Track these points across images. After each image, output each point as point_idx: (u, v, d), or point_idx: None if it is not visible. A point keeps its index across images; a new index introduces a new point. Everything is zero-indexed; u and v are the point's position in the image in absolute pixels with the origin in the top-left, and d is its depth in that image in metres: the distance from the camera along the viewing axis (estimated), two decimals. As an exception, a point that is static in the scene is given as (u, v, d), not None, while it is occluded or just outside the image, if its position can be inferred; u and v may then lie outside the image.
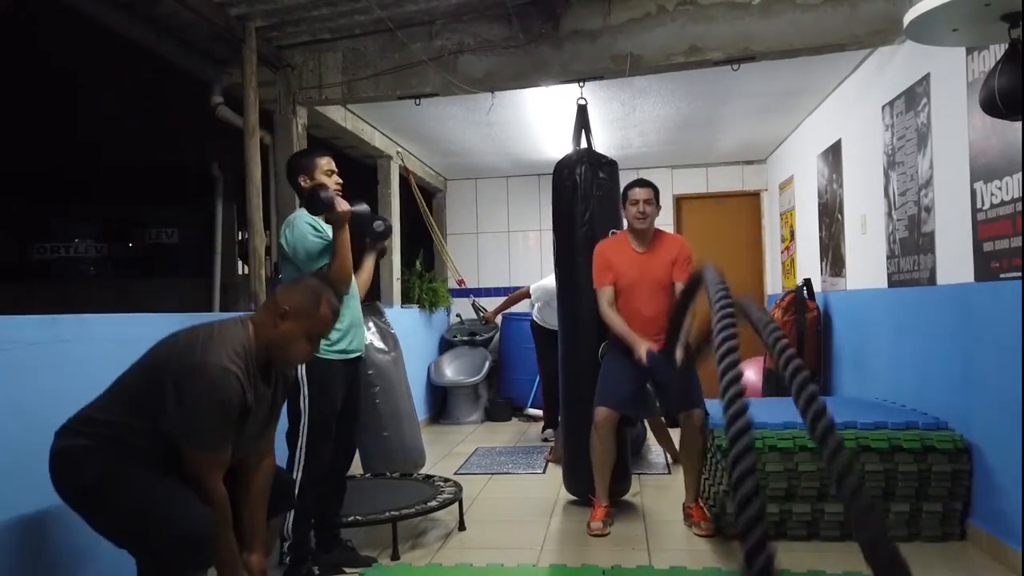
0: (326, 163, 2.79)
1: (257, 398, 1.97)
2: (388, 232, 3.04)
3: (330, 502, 2.89)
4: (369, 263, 3.01)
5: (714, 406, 3.49)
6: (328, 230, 2.69)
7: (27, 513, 2.15)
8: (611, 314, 3.42)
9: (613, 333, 3.45)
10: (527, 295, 5.53)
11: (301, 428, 2.66)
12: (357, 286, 2.89)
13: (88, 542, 2.28)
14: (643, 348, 3.25)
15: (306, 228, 2.67)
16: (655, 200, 3.48)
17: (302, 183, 2.76)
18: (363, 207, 2.80)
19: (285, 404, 2.50)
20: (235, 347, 1.90)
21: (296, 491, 2.63)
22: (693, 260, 3.43)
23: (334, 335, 2.70)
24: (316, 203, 2.63)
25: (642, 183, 3.50)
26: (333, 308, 2.11)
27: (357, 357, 2.87)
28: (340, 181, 2.82)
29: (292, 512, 2.64)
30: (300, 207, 2.81)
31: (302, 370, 2.65)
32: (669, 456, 4.70)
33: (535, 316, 5.37)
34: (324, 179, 2.76)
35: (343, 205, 2.64)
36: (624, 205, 3.53)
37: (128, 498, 1.85)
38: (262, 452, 2.14)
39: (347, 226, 2.64)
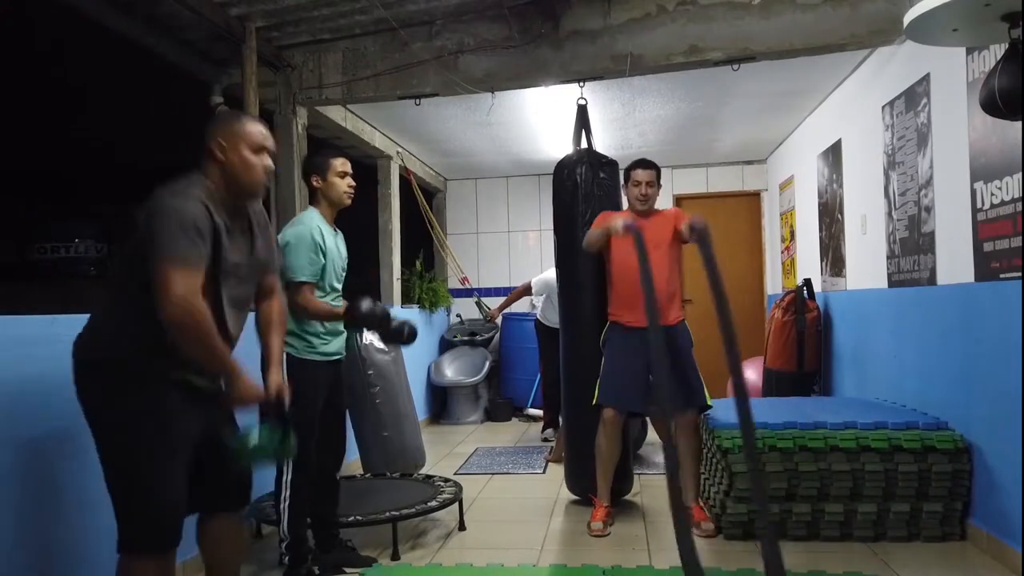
0: (340, 164, 2.81)
1: (231, 228, 1.96)
2: (413, 334, 2.89)
3: (325, 502, 2.89)
4: (333, 313, 2.82)
5: (717, 407, 3.49)
6: (327, 241, 2.71)
7: (28, 513, 2.15)
8: (593, 231, 3.40)
9: (612, 311, 3.44)
10: (528, 290, 5.53)
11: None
12: (311, 310, 2.78)
13: (88, 542, 2.28)
14: (619, 222, 3.21)
15: (307, 236, 2.67)
16: (657, 181, 3.48)
17: (314, 183, 2.79)
18: (400, 327, 2.83)
19: None
20: (193, 188, 1.92)
21: (288, 491, 2.64)
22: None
23: (316, 341, 2.71)
24: (386, 333, 2.78)
25: (645, 164, 3.49)
26: (251, 117, 2.13)
27: (339, 359, 2.88)
28: (353, 184, 2.84)
29: (286, 512, 2.65)
30: (309, 206, 2.83)
31: (283, 372, 2.65)
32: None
33: (538, 315, 5.37)
34: (337, 180, 2.78)
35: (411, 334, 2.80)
36: (626, 186, 3.52)
37: (134, 448, 1.86)
38: (267, 294, 2.19)
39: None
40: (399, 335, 2.84)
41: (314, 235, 2.68)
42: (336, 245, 2.82)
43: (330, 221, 2.81)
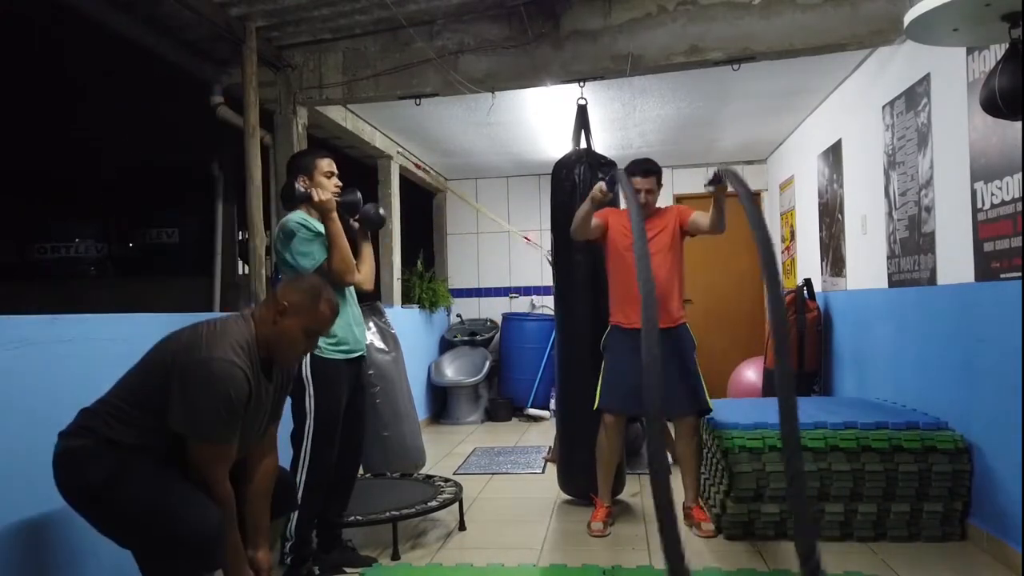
0: (326, 164, 2.77)
1: (259, 393, 1.98)
2: (381, 219, 2.94)
3: (335, 503, 2.88)
4: (367, 252, 2.93)
5: (717, 407, 3.49)
6: (317, 227, 2.67)
7: (28, 514, 2.15)
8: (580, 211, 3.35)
9: (612, 314, 3.43)
10: None
11: (306, 428, 2.65)
12: (361, 279, 2.85)
13: (89, 543, 2.28)
14: (600, 184, 3.23)
15: (296, 227, 2.65)
16: (657, 185, 3.42)
17: (301, 184, 2.75)
18: (353, 196, 2.78)
19: (288, 402, 2.51)
20: (239, 342, 1.91)
21: (301, 491, 2.63)
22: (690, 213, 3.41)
23: (337, 333, 2.69)
24: (289, 197, 2.65)
25: (645, 171, 3.39)
26: (332, 306, 2.11)
27: (360, 356, 2.86)
28: (340, 184, 2.80)
29: (296, 512, 2.63)
30: (296, 211, 2.80)
31: (306, 370, 2.65)
32: (670, 456, 4.69)
33: None
34: (323, 180, 2.73)
35: (322, 194, 2.63)
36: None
37: (137, 499, 1.84)
38: (264, 450, 2.14)
39: (336, 216, 2.64)
40: (376, 222, 2.92)
41: (302, 225, 2.63)
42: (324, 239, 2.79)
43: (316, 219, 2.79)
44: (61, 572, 2.26)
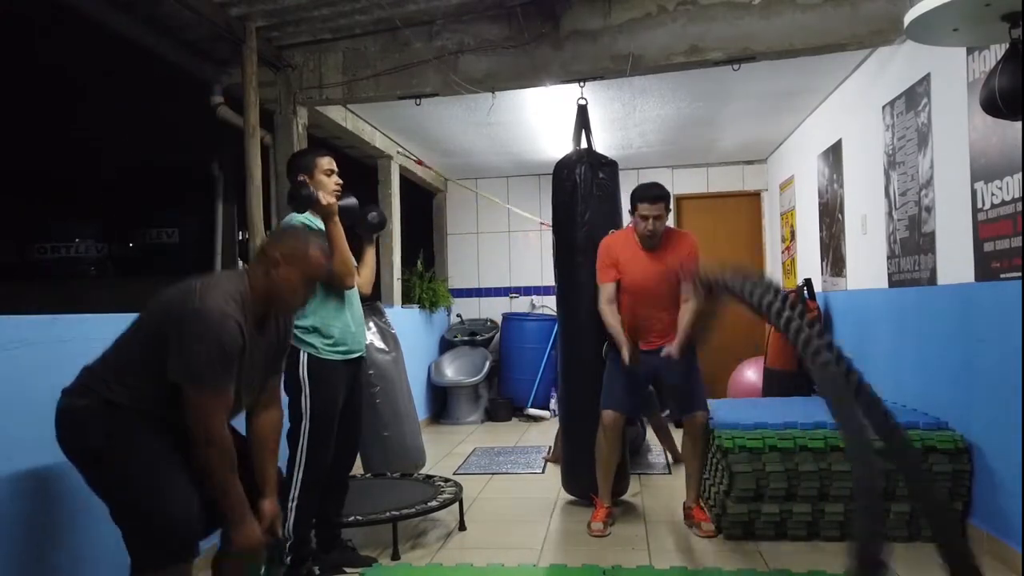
0: (327, 163, 2.79)
1: (253, 346, 1.99)
2: (382, 223, 2.99)
3: (332, 502, 2.88)
4: (370, 256, 2.98)
5: (715, 406, 3.50)
6: (323, 226, 2.69)
7: (32, 511, 2.15)
8: (608, 312, 3.38)
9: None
10: None
11: (302, 428, 2.66)
12: (360, 283, 2.88)
13: (91, 543, 2.28)
14: (626, 352, 3.26)
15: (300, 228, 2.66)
16: (665, 213, 3.34)
17: (310, 186, 2.75)
18: (351, 201, 2.80)
19: (285, 401, 2.51)
20: (231, 294, 1.93)
21: (297, 491, 2.63)
22: (698, 261, 3.39)
23: (335, 334, 2.70)
24: (298, 199, 2.65)
25: (653, 198, 3.30)
26: (322, 249, 2.16)
27: (359, 357, 2.86)
28: (340, 182, 2.81)
29: (294, 512, 2.64)
30: (292, 212, 2.81)
31: (303, 370, 2.65)
32: (670, 456, 4.70)
33: None
34: (324, 179, 2.75)
35: (327, 199, 2.65)
36: (632, 214, 3.40)
37: (127, 470, 1.86)
38: (266, 403, 2.16)
39: (338, 219, 2.66)
40: (376, 227, 2.95)
41: (308, 224, 2.64)
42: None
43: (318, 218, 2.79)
44: (64, 572, 2.26)
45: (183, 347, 1.84)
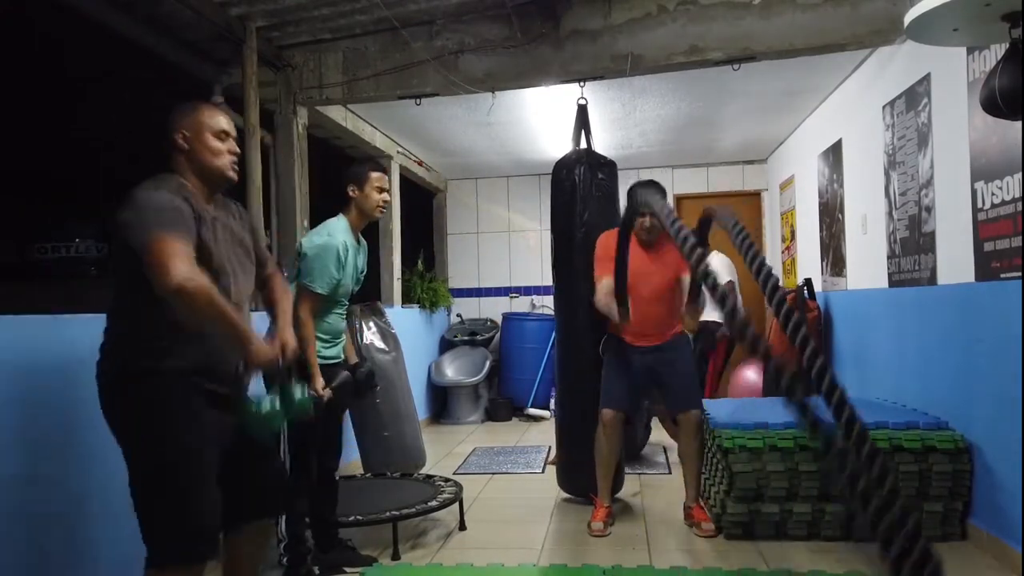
0: (378, 179, 2.84)
1: (215, 219, 1.96)
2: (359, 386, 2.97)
3: (324, 502, 2.89)
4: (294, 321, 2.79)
5: (715, 406, 3.50)
6: (349, 257, 2.73)
7: (34, 512, 2.15)
8: (606, 301, 3.33)
9: (611, 325, 3.44)
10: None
11: (282, 432, 2.68)
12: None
13: (96, 542, 2.28)
14: (617, 310, 3.24)
15: (332, 256, 2.68)
16: None
17: (351, 192, 2.81)
18: (344, 377, 2.84)
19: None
20: (164, 182, 1.93)
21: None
22: None
23: (320, 345, 2.71)
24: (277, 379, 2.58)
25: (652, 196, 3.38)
26: (209, 106, 2.13)
27: (336, 363, 2.89)
28: (388, 199, 2.88)
29: (283, 515, 2.65)
30: (340, 215, 2.83)
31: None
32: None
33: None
34: (373, 194, 2.80)
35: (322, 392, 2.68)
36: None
37: (164, 457, 1.83)
38: (268, 276, 2.17)
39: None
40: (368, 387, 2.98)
41: (340, 251, 2.70)
42: (355, 260, 2.84)
43: (357, 230, 2.84)
44: (69, 571, 2.26)
45: (132, 223, 1.81)
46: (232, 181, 2.09)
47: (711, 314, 5.73)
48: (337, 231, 2.75)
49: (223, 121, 2.06)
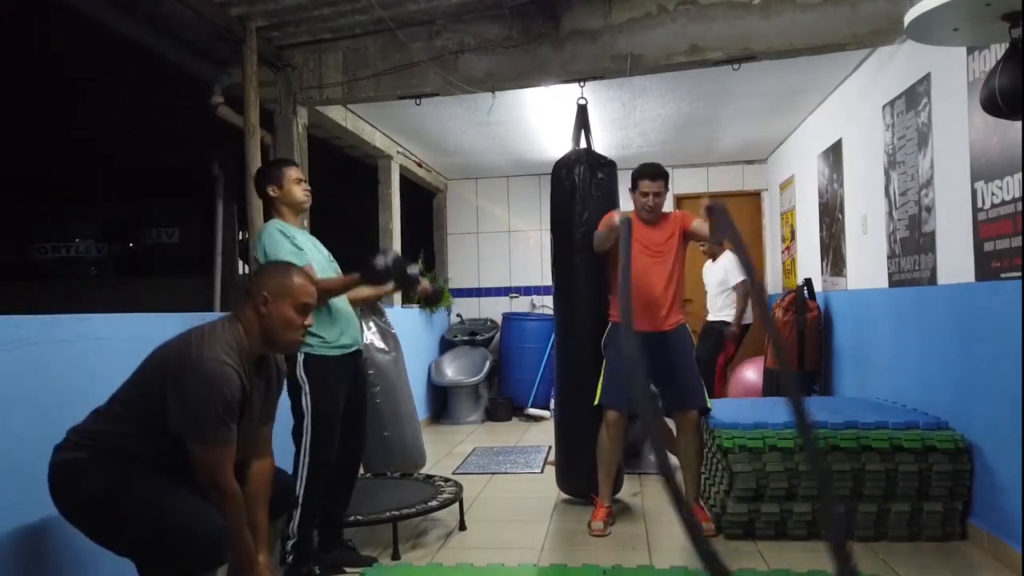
0: (295, 173, 2.82)
1: (252, 392, 1.99)
2: (414, 279, 2.87)
3: (337, 501, 2.88)
4: (349, 287, 2.83)
5: (715, 406, 3.49)
6: (298, 238, 2.69)
7: (30, 515, 2.15)
8: (607, 223, 3.34)
9: (613, 312, 3.44)
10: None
11: (304, 427, 2.66)
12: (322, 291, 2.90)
13: (92, 546, 2.28)
14: (617, 217, 3.25)
15: (278, 236, 2.66)
16: (664, 190, 3.42)
17: (271, 192, 2.78)
18: (414, 269, 2.82)
19: (287, 402, 2.50)
20: (228, 343, 1.93)
21: (302, 489, 2.63)
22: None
23: (326, 332, 2.70)
24: (405, 280, 2.73)
25: (653, 175, 3.38)
26: (303, 274, 2.16)
27: (357, 351, 2.86)
28: (309, 188, 2.85)
29: (298, 510, 2.64)
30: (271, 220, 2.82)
31: (300, 370, 2.65)
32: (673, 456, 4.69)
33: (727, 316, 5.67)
34: (294, 187, 2.77)
35: (425, 284, 2.78)
36: (633, 191, 3.44)
37: (135, 509, 1.85)
38: (260, 452, 2.14)
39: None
40: (414, 280, 2.84)
41: (280, 230, 2.66)
42: (309, 241, 2.80)
43: (297, 226, 2.79)
44: (64, 575, 2.26)
45: (184, 401, 1.84)
46: (293, 353, 2.18)
47: (718, 314, 5.76)
48: (268, 225, 2.73)
49: (310, 296, 2.08)
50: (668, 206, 3.54)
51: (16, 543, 2.10)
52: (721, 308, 5.76)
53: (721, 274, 5.74)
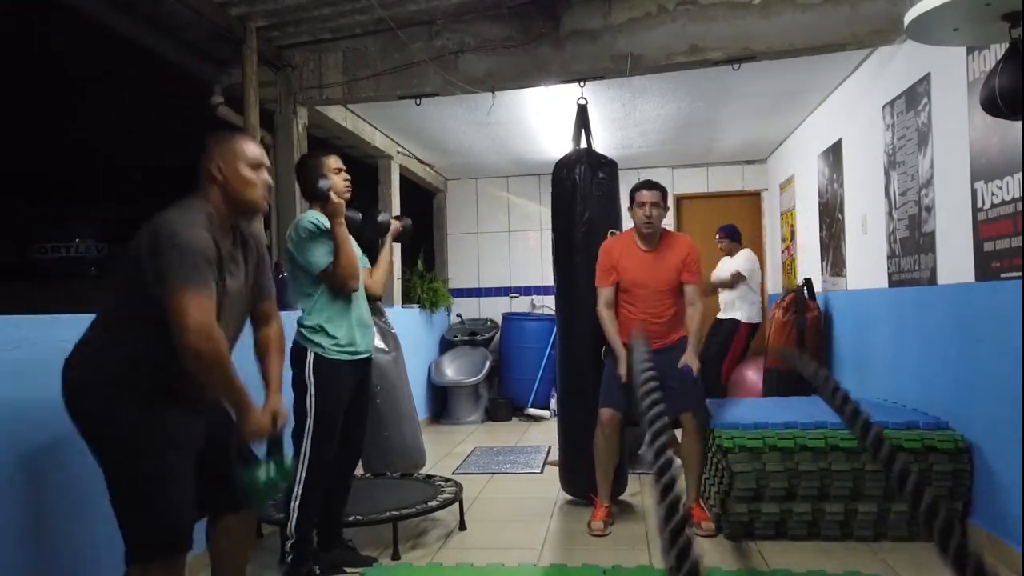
0: (333, 162, 2.82)
1: (231, 255, 1.98)
2: (386, 225, 3.09)
3: (336, 501, 2.88)
4: (385, 259, 3.07)
5: (715, 406, 3.50)
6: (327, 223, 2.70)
7: (35, 512, 2.15)
8: (606, 318, 3.41)
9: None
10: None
11: (307, 427, 2.66)
12: (371, 284, 2.96)
13: (89, 547, 2.28)
14: (622, 367, 3.29)
15: (309, 226, 2.68)
16: (663, 203, 3.41)
17: (325, 181, 2.79)
18: (353, 216, 2.87)
19: (292, 401, 2.50)
20: (196, 216, 1.92)
21: (301, 489, 2.63)
22: (700, 262, 3.43)
23: (342, 334, 2.70)
24: (313, 189, 2.74)
25: (650, 186, 3.41)
26: (245, 133, 2.18)
27: (366, 358, 2.86)
28: (348, 178, 2.85)
29: (296, 510, 2.64)
30: (308, 207, 2.85)
31: (309, 370, 2.66)
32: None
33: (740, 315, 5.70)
34: (333, 176, 2.77)
35: (336, 197, 2.69)
36: (631, 207, 3.44)
37: (135, 453, 1.84)
38: (265, 316, 2.17)
39: (343, 221, 2.69)
40: (386, 226, 3.07)
41: (319, 225, 2.67)
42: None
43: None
44: (65, 572, 2.26)
45: (158, 261, 1.82)
46: (263, 212, 2.11)
47: (728, 312, 5.74)
48: (306, 216, 2.76)
49: (258, 151, 2.07)
50: (668, 205, 3.52)
51: (19, 543, 2.10)
52: (732, 305, 5.75)
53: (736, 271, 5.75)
